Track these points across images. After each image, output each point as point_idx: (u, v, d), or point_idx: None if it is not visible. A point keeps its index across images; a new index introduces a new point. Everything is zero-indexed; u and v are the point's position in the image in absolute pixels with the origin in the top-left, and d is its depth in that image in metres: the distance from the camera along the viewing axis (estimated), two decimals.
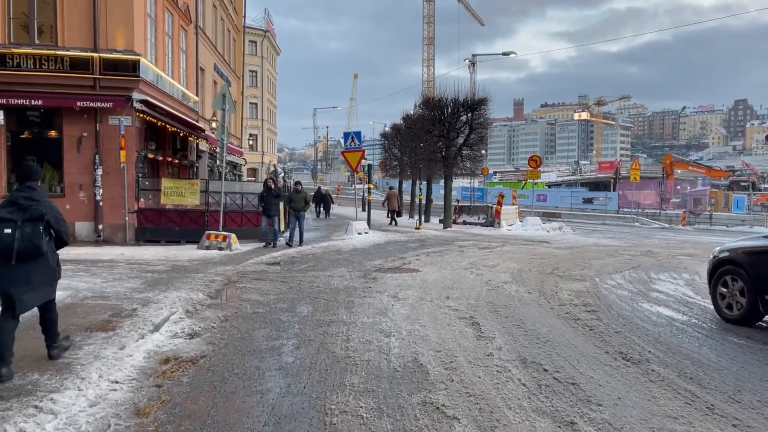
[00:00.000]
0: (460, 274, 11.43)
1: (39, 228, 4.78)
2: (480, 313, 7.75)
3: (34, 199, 4.88)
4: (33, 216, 4.78)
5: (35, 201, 4.86)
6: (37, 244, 4.76)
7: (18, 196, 4.89)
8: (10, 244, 4.66)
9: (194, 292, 9.19)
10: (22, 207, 4.79)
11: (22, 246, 4.69)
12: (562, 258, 14.76)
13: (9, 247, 4.67)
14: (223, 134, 15.21)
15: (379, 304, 8.40)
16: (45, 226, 4.84)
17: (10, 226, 4.69)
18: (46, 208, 4.92)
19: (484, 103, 23.76)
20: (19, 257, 4.70)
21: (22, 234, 4.69)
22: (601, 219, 37.89)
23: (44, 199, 5.00)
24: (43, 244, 4.81)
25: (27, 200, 4.84)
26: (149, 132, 18.20)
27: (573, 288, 9.98)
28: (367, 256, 14.44)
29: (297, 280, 10.73)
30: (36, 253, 4.78)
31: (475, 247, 16.97)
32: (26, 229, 4.71)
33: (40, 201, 4.91)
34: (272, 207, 15.66)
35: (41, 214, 4.81)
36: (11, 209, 4.78)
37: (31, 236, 4.73)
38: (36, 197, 4.91)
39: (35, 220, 4.78)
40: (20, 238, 4.68)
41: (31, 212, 4.78)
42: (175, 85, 20.07)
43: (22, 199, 4.85)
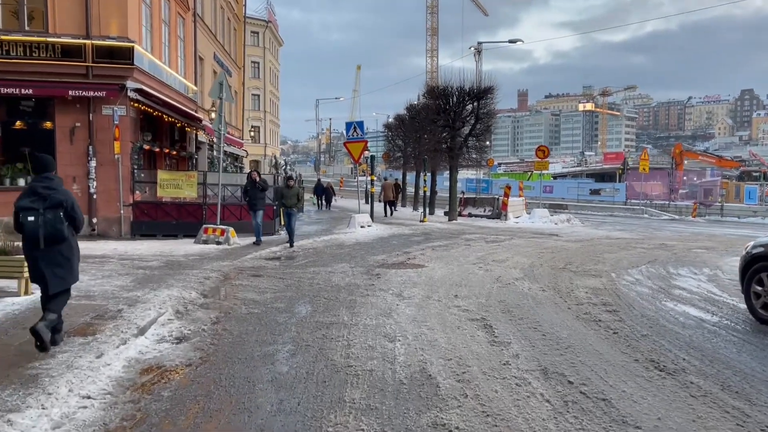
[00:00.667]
0: (468, 270, 10.84)
1: (59, 214, 5.11)
2: (492, 314, 7.17)
3: (53, 188, 5.18)
4: (53, 203, 5.09)
5: (53, 190, 5.17)
6: (60, 229, 5.11)
7: (37, 186, 5.18)
8: (36, 230, 5.03)
9: (187, 291, 8.65)
10: (43, 196, 5.09)
11: (45, 232, 5.04)
12: (574, 252, 14.16)
13: (35, 233, 5.04)
14: (221, 124, 14.62)
15: (382, 303, 7.83)
16: (64, 213, 5.15)
17: (33, 214, 5.02)
18: (64, 195, 5.22)
19: (490, 91, 23.07)
20: (46, 243, 5.07)
21: (44, 221, 5.04)
22: (609, 210, 37.21)
23: (61, 188, 5.29)
24: (65, 229, 5.15)
25: (46, 189, 5.14)
26: (145, 122, 17.63)
27: (589, 285, 9.39)
28: (370, 251, 13.87)
29: (296, 276, 10.17)
30: (59, 237, 5.13)
31: (482, 241, 16.37)
32: (48, 216, 5.05)
33: (58, 189, 5.21)
34: (258, 201, 14.47)
35: (60, 202, 5.12)
36: (33, 198, 5.09)
37: (53, 222, 5.07)
38: (54, 186, 5.22)
39: (55, 207, 5.10)
40: (43, 225, 5.03)
41: (51, 200, 5.09)
42: (172, 74, 19.47)
43: (42, 188, 5.14)
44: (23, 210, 5.07)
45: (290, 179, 15.46)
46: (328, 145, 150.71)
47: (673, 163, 42.87)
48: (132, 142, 15.84)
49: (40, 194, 5.12)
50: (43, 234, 5.05)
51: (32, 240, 5.10)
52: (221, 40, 29.74)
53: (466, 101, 23.68)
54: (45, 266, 5.17)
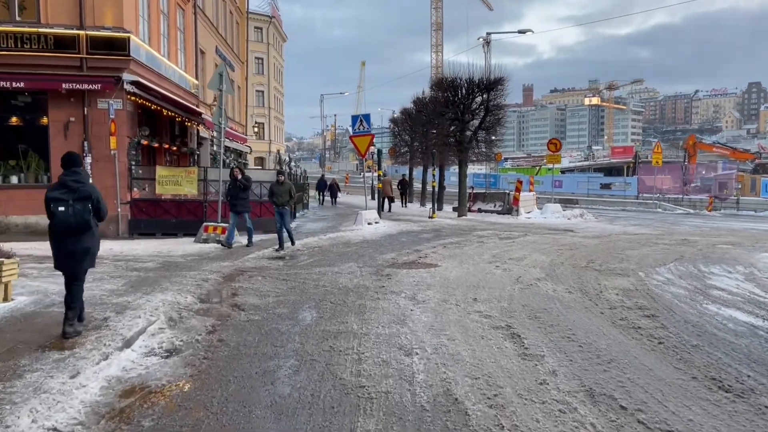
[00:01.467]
0: (484, 270, 10.13)
1: (87, 205, 5.54)
2: (518, 321, 6.46)
3: (81, 182, 5.62)
4: (82, 195, 5.53)
5: (82, 183, 5.62)
6: (87, 219, 5.55)
7: (67, 179, 5.60)
8: (66, 220, 5.47)
9: (182, 295, 7.99)
10: (72, 188, 5.53)
11: (74, 221, 5.48)
12: (594, 249, 13.41)
13: (65, 222, 5.48)
14: (221, 117, 13.93)
15: (395, 308, 7.13)
16: (92, 204, 5.58)
17: (63, 205, 5.47)
18: (91, 189, 5.70)
19: (500, 82, 22.26)
20: (74, 232, 5.51)
21: (74, 211, 5.47)
22: (621, 205, 36.33)
23: (88, 182, 5.77)
24: (91, 219, 5.60)
25: (75, 183, 5.57)
26: (143, 117, 16.97)
27: (618, 285, 8.66)
28: (379, 249, 13.18)
29: (301, 277, 9.48)
30: (86, 226, 5.56)
31: (495, 238, 15.64)
32: (77, 206, 5.49)
33: (85, 183, 5.68)
34: (239, 201, 13.08)
35: (88, 194, 5.59)
36: (63, 191, 5.53)
37: (81, 212, 5.50)
38: (82, 180, 5.67)
39: (83, 199, 5.54)
40: (72, 215, 5.47)
41: (79, 192, 5.53)
42: (171, 67, 18.79)
43: (71, 181, 5.57)
44: (54, 201, 5.51)
45: (280, 174, 13.87)
46: (333, 141, 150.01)
47: (685, 156, 41.81)
48: (129, 137, 15.18)
49: (70, 187, 5.55)
50: (74, 223, 5.50)
51: (62, 228, 5.53)
52: (223, 33, 29.05)
53: (476, 93, 22.89)
54: (72, 253, 5.60)
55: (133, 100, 15.17)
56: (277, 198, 13.09)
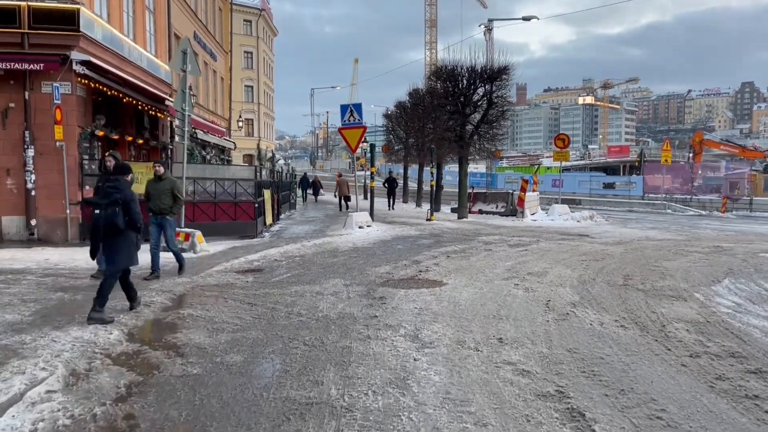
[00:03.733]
0: (501, 289, 8.12)
1: (116, 209, 6.12)
2: (571, 381, 4.46)
3: (117, 189, 6.25)
4: (113, 200, 6.15)
5: (117, 190, 6.23)
6: (115, 223, 6.12)
7: (107, 186, 6.42)
8: (97, 222, 6.20)
9: (107, 329, 5.97)
10: (107, 194, 6.24)
11: (104, 223, 6.13)
12: (622, 259, 11.45)
13: (96, 224, 6.23)
14: (184, 103, 11.83)
15: (392, 356, 5.11)
16: (123, 210, 6.15)
17: (99, 207, 6.21)
18: (124, 195, 6.22)
19: (505, 72, 20.24)
20: (105, 232, 6.15)
21: (106, 214, 6.12)
22: (626, 205, 34.47)
23: (124, 189, 6.33)
24: (120, 222, 6.14)
25: (111, 189, 6.27)
26: (103, 105, 14.85)
27: (680, 314, 6.68)
28: (371, 259, 11.15)
29: (271, 300, 7.45)
30: (114, 229, 6.14)
31: (504, 244, 13.65)
32: (108, 210, 6.12)
33: (120, 190, 6.26)
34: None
35: (117, 200, 6.15)
36: (101, 196, 6.64)
37: (110, 216, 6.10)
38: (119, 187, 6.29)
39: (115, 204, 6.14)
40: (104, 218, 6.12)
41: (112, 197, 6.17)
42: (138, 50, 16.66)
43: (109, 188, 6.32)
44: (92, 205, 6.49)
45: (158, 165, 9.49)
46: (326, 139, 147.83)
47: (691, 152, 39.90)
48: (81, 127, 13.08)
49: (107, 192, 6.22)
50: (102, 225, 6.09)
51: (95, 229, 6.22)
52: (203, 19, 26.90)
53: (478, 84, 20.88)
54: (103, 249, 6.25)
55: (85, 84, 13.07)
56: (152, 202, 9.10)
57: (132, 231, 6.27)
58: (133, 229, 6.28)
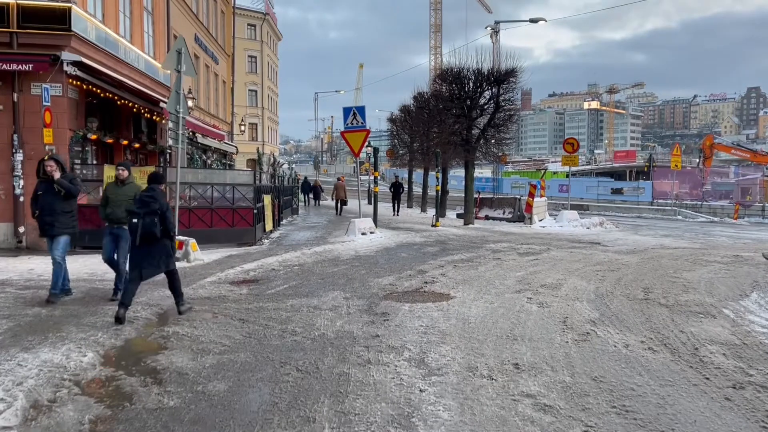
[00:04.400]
0: (514, 304, 7.53)
1: (155, 219, 6.43)
2: (601, 420, 3.86)
3: (154, 198, 6.56)
4: (151, 210, 6.43)
5: (154, 200, 6.54)
6: (153, 231, 6.42)
7: (144, 195, 6.65)
8: (135, 230, 6.40)
9: (83, 350, 5.43)
10: (145, 203, 6.49)
11: (143, 231, 6.37)
12: (639, 269, 10.84)
13: (134, 232, 6.42)
14: (178, 104, 11.30)
15: (394, 386, 4.53)
16: (160, 219, 6.48)
17: (136, 217, 6.39)
18: (161, 205, 6.57)
19: (513, 74, 19.66)
20: (141, 240, 6.41)
21: (144, 223, 6.37)
22: (635, 211, 33.83)
23: (161, 199, 6.67)
24: (157, 230, 6.46)
25: (149, 198, 6.54)
26: (97, 108, 14.37)
27: (712, 335, 6.07)
28: (373, 269, 10.57)
29: (264, 316, 6.88)
30: (152, 237, 6.44)
31: (513, 253, 13.05)
32: (146, 219, 6.38)
33: (157, 200, 6.58)
34: (57, 216, 7.32)
35: (156, 209, 6.47)
36: (138, 205, 6.53)
37: (149, 225, 6.38)
38: (156, 197, 6.59)
39: (152, 213, 6.43)
40: (142, 226, 6.36)
41: (150, 207, 6.45)
42: (134, 52, 16.18)
43: (146, 197, 6.58)
44: (130, 213, 6.57)
45: (122, 167, 7.88)
46: (330, 143, 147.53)
47: (701, 158, 39.17)
48: (72, 130, 12.58)
49: (144, 202, 6.54)
50: (140, 233, 6.39)
51: (133, 237, 6.49)
52: (204, 21, 26.46)
53: (485, 87, 20.30)
54: (140, 259, 6.56)
55: (77, 86, 12.58)
56: (111, 209, 7.61)
57: (166, 239, 6.71)
58: (167, 237, 6.74)
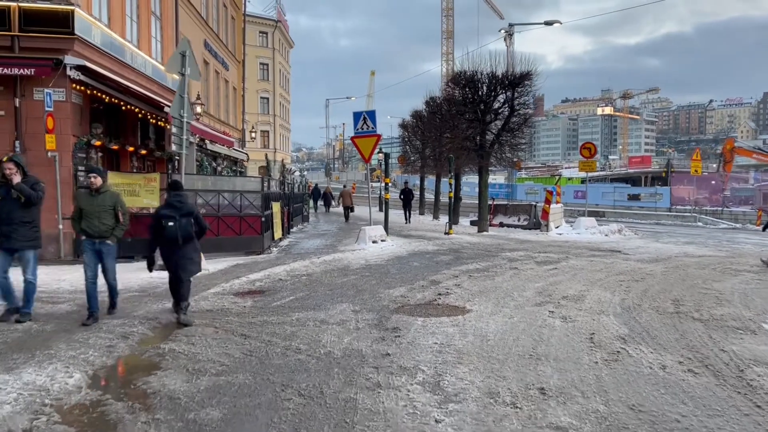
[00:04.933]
0: (535, 318, 7.02)
1: (190, 221, 6.94)
2: None
3: (184, 202, 7.13)
4: (185, 212, 6.94)
5: (185, 203, 7.13)
6: (190, 232, 6.92)
7: (174, 200, 7.05)
8: (175, 233, 6.78)
9: (69, 370, 5.04)
10: (177, 207, 6.94)
11: (181, 233, 6.79)
12: (664, 279, 10.26)
13: (174, 235, 6.79)
14: (183, 109, 10.93)
15: (406, 416, 4.04)
16: (195, 220, 7.03)
17: (172, 221, 6.78)
18: (193, 208, 7.35)
19: (528, 77, 19.17)
20: (182, 241, 6.82)
21: (180, 225, 6.80)
22: (653, 218, 33.04)
23: (189, 202, 7.55)
24: (192, 231, 6.96)
25: (179, 203, 7.03)
26: (103, 113, 14.08)
27: (756, 354, 5.52)
28: (384, 279, 10.10)
29: (268, 331, 6.43)
30: (189, 237, 6.93)
31: (531, 261, 12.51)
32: (182, 222, 6.82)
33: (187, 204, 7.25)
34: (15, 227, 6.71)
35: (191, 211, 7.09)
36: (170, 209, 6.93)
37: (186, 226, 6.86)
38: (184, 201, 7.20)
39: (187, 215, 6.94)
40: (179, 228, 6.79)
41: (183, 210, 6.93)
42: (141, 57, 15.92)
43: (177, 202, 7.02)
44: (164, 217, 6.86)
45: (93, 173, 7.17)
46: (342, 150, 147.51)
47: (720, 162, 38.24)
48: (76, 136, 12.27)
49: (176, 206, 6.94)
50: (180, 235, 6.79)
51: (171, 239, 6.81)
52: (214, 27, 26.25)
53: (499, 90, 19.81)
54: (179, 259, 6.91)
55: (81, 91, 12.28)
56: (88, 222, 6.98)
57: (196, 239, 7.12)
58: (199, 237, 7.20)
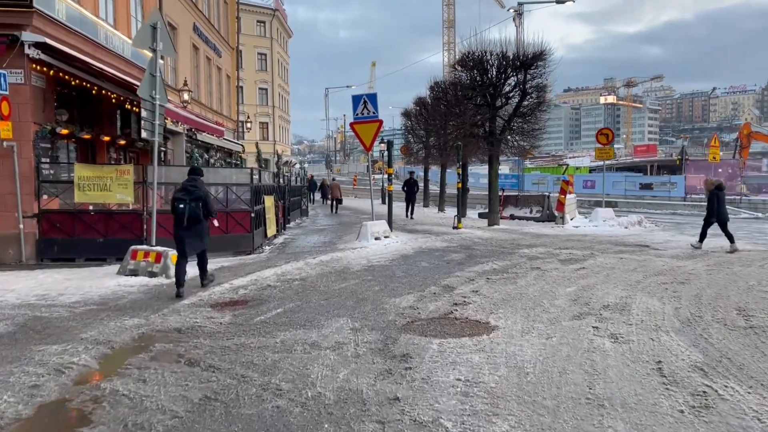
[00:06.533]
0: (579, 338, 5.62)
1: (199, 204, 7.92)
2: None
3: (196, 187, 8.02)
4: (195, 196, 7.91)
5: (196, 188, 8.00)
6: (198, 214, 7.93)
7: (187, 184, 8.03)
8: (183, 214, 7.81)
9: None
10: (189, 191, 7.93)
11: (189, 215, 7.84)
12: (712, 281, 8.85)
13: (182, 216, 7.82)
14: (155, 90, 9.49)
15: None
16: (202, 204, 7.97)
17: (183, 203, 7.83)
18: (202, 192, 8.09)
19: (541, 58, 17.69)
20: (188, 222, 7.86)
21: (189, 207, 7.83)
22: (669, 208, 31.56)
23: (202, 187, 8.19)
24: (201, 214, 7.98)
25: (192, 187, 7.98)
26: (75, 99, 12.67)
27: None
28: (389, 284, 8.70)
29: (242, 363, 5.04)
30: (197, 219, 7.95)
31: (553, 259, 11.10)
32: (191, 204, 7.84)
33: (199, 188, 8.06)
34: None
35: (200, 196, 7.96)
36: (183, 193, 7.94)
37: (194, 209, 7.88)
38: (197, 185, 8.05)
39: (197, 199, 7.92)
40: (189, 210, 7.83)
41: (194, 194, 7.91)
42: (118, 37, 14.48)
43: (189, 186, 7.99)
44: (176, 200, 7.93)
45: None
46: (343, 142, 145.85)
47: (737, 146, 36.62)
48: (38, 124, 10.86)
49: (188, 190, 7.94)
50: (187, 216, 7.81)
51: (180, 220, 7.85)
52: (205, 11, 24.76)
53: (509, 73, 18.32)
54: (185, 237, 7.96)
55: (43, 72, 10.86)
56: None
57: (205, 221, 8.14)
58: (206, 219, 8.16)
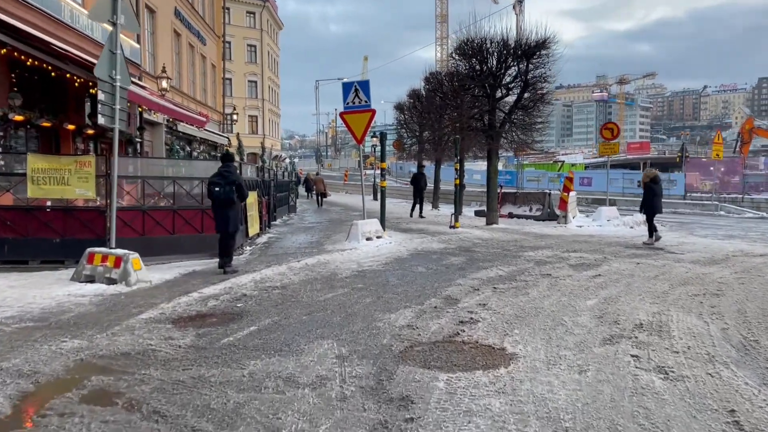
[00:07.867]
0: (620, 373, 4.52)
1: (233, 188, 8.91)
2: None
3: (230, 172, 9.07)
4: (229, 181, 8.90)
5: (231, 173, 9.05)
6: (232, 198, 8.92)
7: (222, 170, 9.05)
8: (218, 196, 8.86)
9: None
10: (224, 176, 8.94)
11: (224, 198, 8.86)
12: (748, 291, 7.81)
13: (219, 198, 8.87)
14: (115, 69, 8.28)
15: None
16: (236, 188, 8.97)
17: (219, 186, 8.85)
18: (236, 177, 9.15)
19: (545, 46, 16.60)
20: (223, 204, 8.93)
21: (225, 191, 8.83)
22: (670, 206, 30.55)
23: (235, 173, 9.27)
24: (235, 197, 8.97)
25: (227, 173, 9.02)
26: (37, 84, 11.43)
27: None
28: (383, 295, 7.58)
29: (196, 407, 3.90)
30: (231, 202, 8.96)
31: (564, 265, 10.02)
32: (226, 188, 8.84)
33: (233, 173, 9.11)
34: None
35: (234, 181, 8.96)
36: (218, 178, 8.95)
37: (229, 193, 8.87)
38: (232, 171, 9.15)
39: (231, 183, 8.89)
40: (223, 194, 8.84)
41: (228, 179, 8.92)
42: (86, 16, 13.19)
43: (224, 172, 9.01)
44: (213, 184, 8.95)
45: None
46: (334, 137, 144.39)
47: (738, 142, 35.78)
48: None
49: (223, 175, 8.96)
50: (222, 199, 8.85)
51: (217, 202, 8.94)
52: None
53: (510, 62, 17.22)
54: (220, 218, 9.01)
55: None
56: None
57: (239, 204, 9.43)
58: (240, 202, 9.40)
